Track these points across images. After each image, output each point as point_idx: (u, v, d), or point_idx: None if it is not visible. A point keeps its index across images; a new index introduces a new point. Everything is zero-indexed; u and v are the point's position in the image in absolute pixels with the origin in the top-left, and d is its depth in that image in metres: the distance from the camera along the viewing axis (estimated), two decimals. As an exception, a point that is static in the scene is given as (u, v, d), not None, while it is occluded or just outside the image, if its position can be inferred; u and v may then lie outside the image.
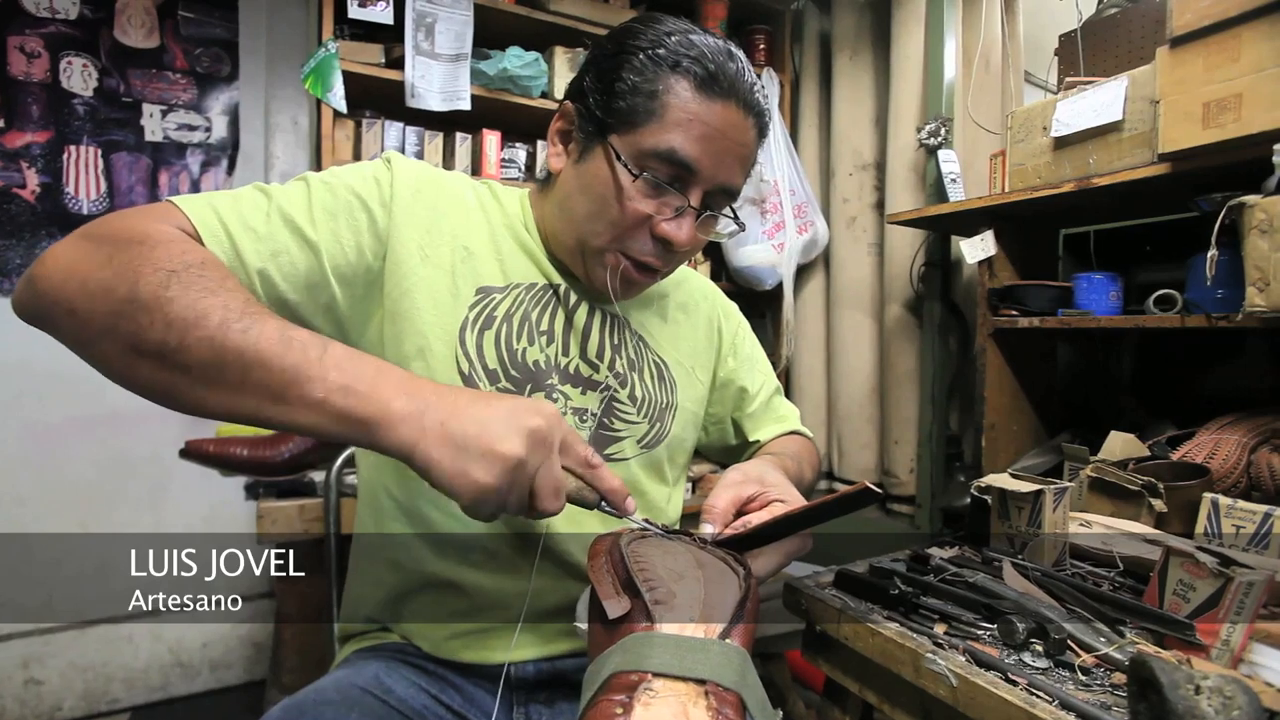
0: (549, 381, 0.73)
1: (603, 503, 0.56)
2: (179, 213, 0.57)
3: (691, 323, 0.88)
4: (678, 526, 0.78)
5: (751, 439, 0.92)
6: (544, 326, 0.74)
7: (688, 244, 0.68)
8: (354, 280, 0.66)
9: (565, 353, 0.75)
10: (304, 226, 0.62)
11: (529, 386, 0.71)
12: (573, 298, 0.76)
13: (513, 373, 0.71)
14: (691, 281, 0.92)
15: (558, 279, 0.76)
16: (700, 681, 0.40)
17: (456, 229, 0.72)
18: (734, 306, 0.96)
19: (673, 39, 0.66)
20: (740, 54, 0.68)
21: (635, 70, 0.66)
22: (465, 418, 0.47)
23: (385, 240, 0.67)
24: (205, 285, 0.49)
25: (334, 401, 0.47)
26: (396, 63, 1.79)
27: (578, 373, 0.75)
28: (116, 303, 0.48)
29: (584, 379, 0.75)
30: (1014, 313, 1.49)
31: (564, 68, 1.97)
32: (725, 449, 0.96)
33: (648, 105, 0.65)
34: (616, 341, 0.78)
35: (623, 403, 0.77)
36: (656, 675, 0.40)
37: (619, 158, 0.66)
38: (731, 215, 0.73)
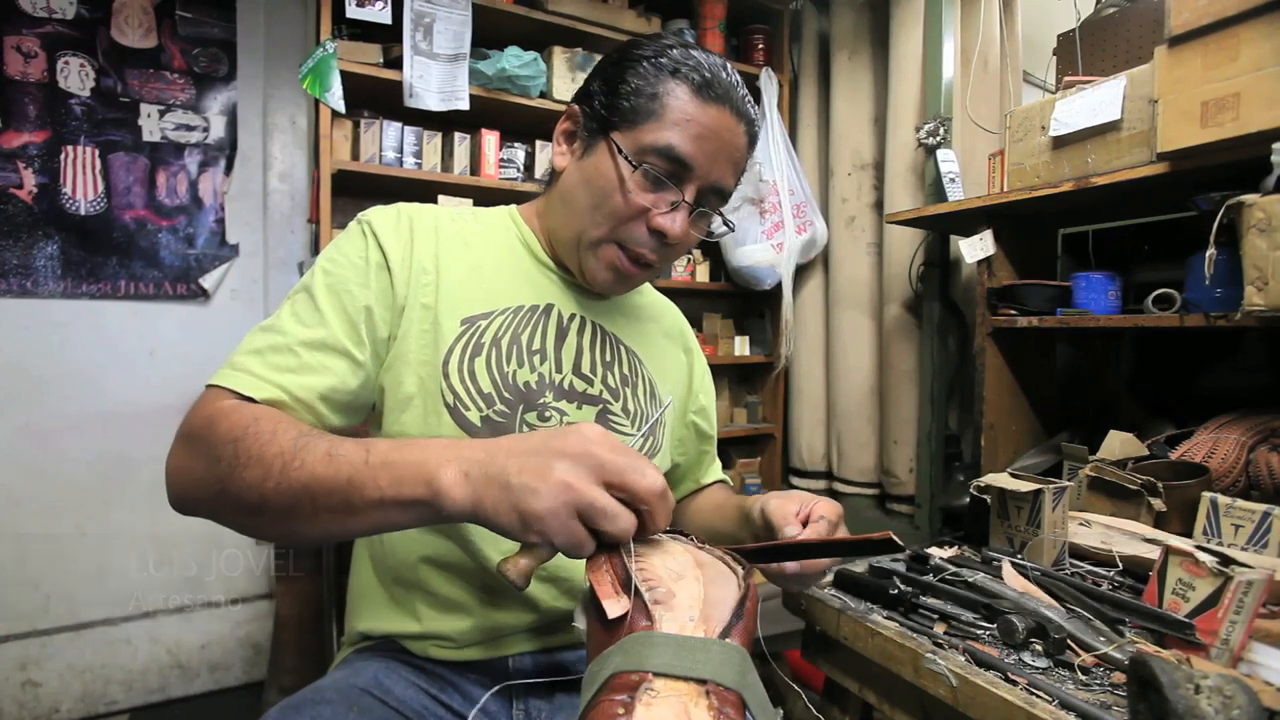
0: (542, 400, 0.74)
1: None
2: (225, 391, 0.62)
3: (673, 351, 0.92)
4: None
5: (705, 481, 0.97)
6: (535, 346, 0.76)
7: (680, 237, 0.72)
8: (380, 353, 0.72)
9: (559, 369, 0.77)
10: (353, 349, 0.68)
11: (521, 407, 0.73)
12: (564, 315, 0.79)
13: (506, 395, 0.73)
14: (671, 314, 0.96)
15: (548, 297, 0.78)
16: (701, 681, 0.40)
17: (440, 266, 0.74)
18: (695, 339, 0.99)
19: (674, 51, 0.72)
20: (733, 69, 0.74)
21: (639, 75, 0.71)
22: (506, 461, 0.48)
23: (395, 304, 0.71)
24: (262, 440, 0.54)
25: (391, 495, 0.49)
26: (395, 62, 1.79)
27: (572, 388, 0.77)
28: (215, 485, 0.55)
29: (579, 394, 0.78)
30: (1013, 312, 1.49)
31: (562, 67, 1.96)
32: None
33: (649, 105, 0.70)
34: (609, 358, 0.81)
35: (616, 415, 0.80)
36: (657, 675, 0.40)
37: (621, 152, 0.70)
38: (722, 217, 0.79)
